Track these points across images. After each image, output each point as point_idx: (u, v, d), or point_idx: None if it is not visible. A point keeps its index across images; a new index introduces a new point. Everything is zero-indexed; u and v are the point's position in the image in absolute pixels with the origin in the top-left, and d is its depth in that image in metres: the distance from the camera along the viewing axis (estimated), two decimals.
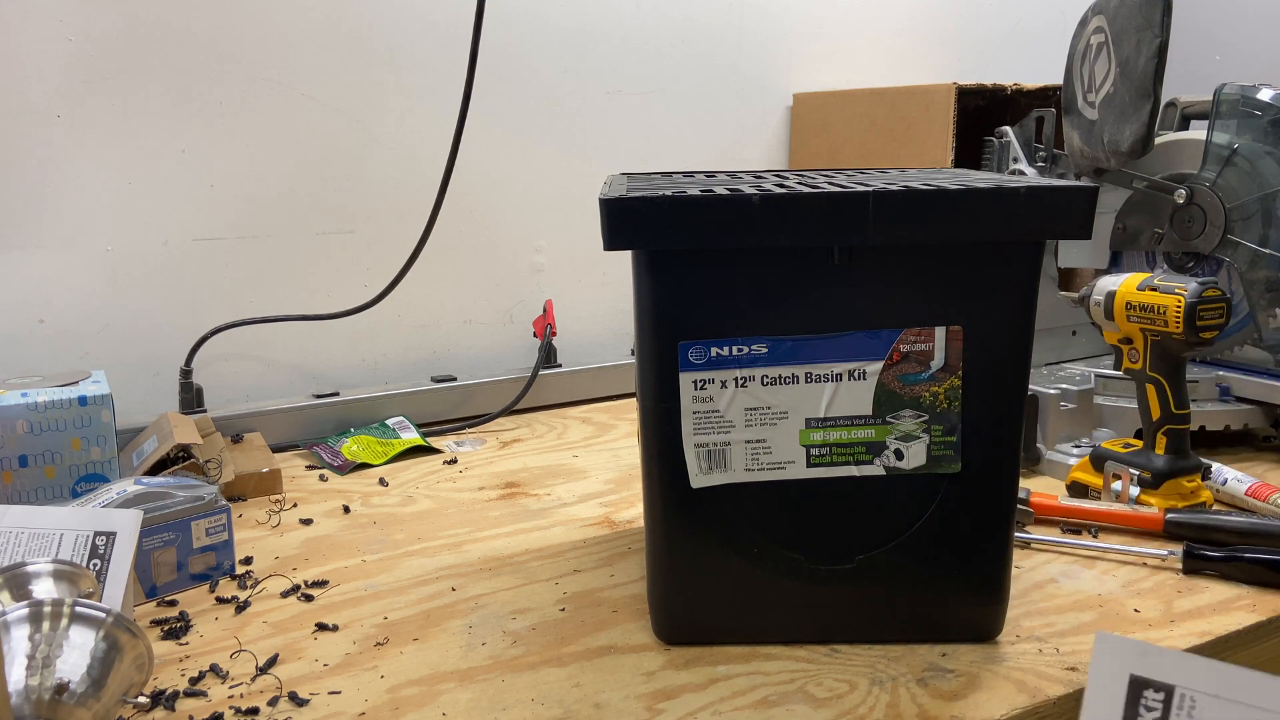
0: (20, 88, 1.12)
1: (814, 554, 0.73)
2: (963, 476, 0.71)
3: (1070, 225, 0.66)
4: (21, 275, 1.15)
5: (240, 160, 1.24)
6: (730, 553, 0.73)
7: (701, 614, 0.74)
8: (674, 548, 0.73)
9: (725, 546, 0.72)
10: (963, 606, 0.74)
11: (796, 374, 0.70)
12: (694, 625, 0.74)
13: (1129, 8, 1.06)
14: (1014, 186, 0.66)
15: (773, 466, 0.71)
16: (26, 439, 0.92)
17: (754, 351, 0.69)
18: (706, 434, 0.70)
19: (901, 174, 0.82)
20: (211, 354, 1.24)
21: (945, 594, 0.74)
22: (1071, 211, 0.66)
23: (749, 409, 0.70)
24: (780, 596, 0.73)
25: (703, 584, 0.73)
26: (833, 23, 1.64)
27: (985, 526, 0.73)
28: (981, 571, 0.74)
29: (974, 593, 0.74)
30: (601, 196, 0.66)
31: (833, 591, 0.73)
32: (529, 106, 1.41)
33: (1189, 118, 1.20)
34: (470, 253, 1.40)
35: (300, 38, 1.24)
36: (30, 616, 0.60)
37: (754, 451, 0.71)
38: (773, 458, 0.71)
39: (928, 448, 0.71)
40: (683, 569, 0.73)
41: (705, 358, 0.69)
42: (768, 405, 0.70)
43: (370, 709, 0.67)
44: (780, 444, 0.71)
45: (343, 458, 1.15)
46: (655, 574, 0.74)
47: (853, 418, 0.71)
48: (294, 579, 0.86)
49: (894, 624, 0.74)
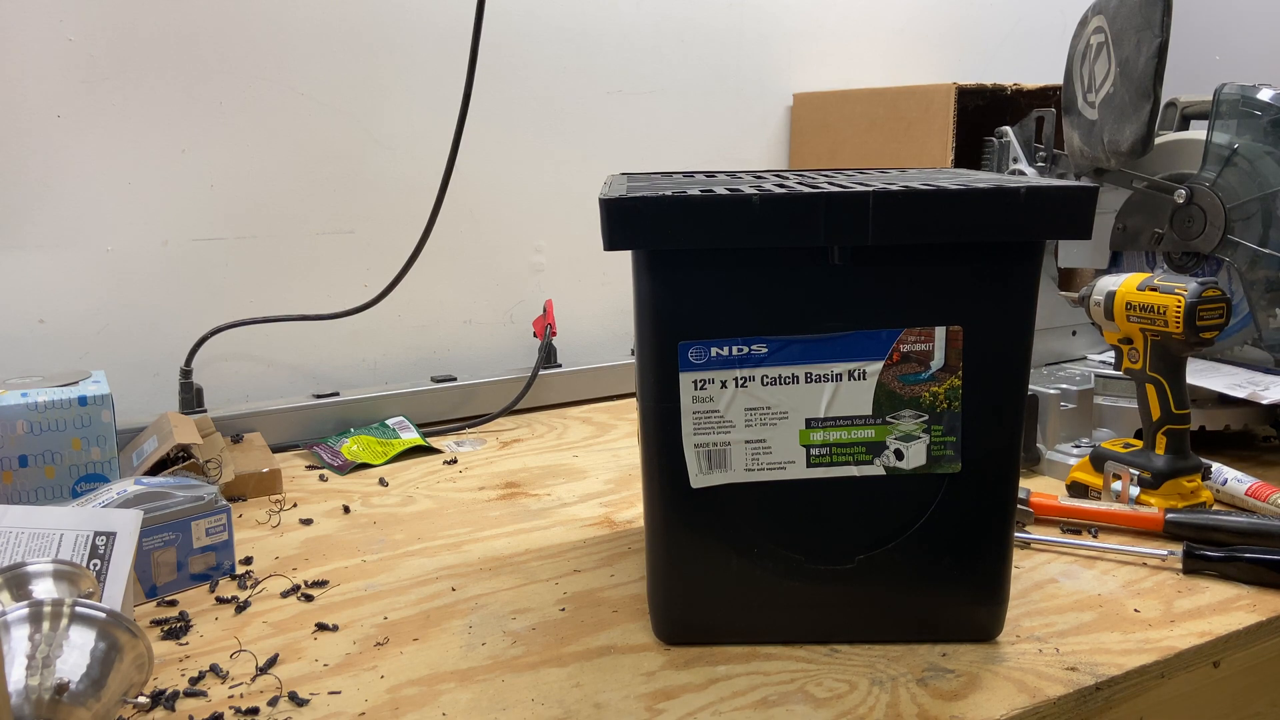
0: (20, 88, 1.12)
1: (814, 554, 0.73)
2: (963, 476, 0.71)
3: (1071, 225, 0.66)
4: (21, 275, 1.15)
5: (240, 160, 1.24)
6: (730, 553, 0.72)
7: (702, 614, 0.74)
8: (674, 548, 0.73)
9: (726, 546, 0.72)
10: (962, 606, 0.74)
11: (796, 374, 0.70)
12: (694, 625, 0.74)
13: (1129, 8, 1.06)
14: (1014, 186, 0.66)
15: (773, 466, 0.71)
16: (26, 439, 0.92)
17: (754, 351, 0.69)
18: (706, 434, 0.70)
19: (901, 174, 0.82)
20: (211, 354, 1.24)
21: (945, 594, 0.74)
22: (1072, 211, 0.66)
23: (749, 409, 0.70)
24: (781, 597, 0.73)
25: (703, 584, 0.73)
26: (833, 23, 1.64)
27: (985, 526, 0.73)
28: (981, 571, 0.73)
29: (974, 592, 0.74)
30: (602, 196, 0.66)
31: (833, 592, 0.73)
32: (529, 106, 1.41)
33: (1189, 118, 1.20)
34: (470, 253, 1.40)
35: (300, 38, 1.24)
36: (30, 616, 0.60)
37: (754, 451, 0.71)
38: (773, 458, 0.71)
39: (928, 448, 0.71)
40: (683, 569, 0.73)
41: (705, 358, 0.69)
42: (768, 405, 0.70)
43: (370, 709, 0.67)
44: (780, 444, 0.71)
45: (343, 458, 1.15)
46: (655, 574, 0.74)
47: (853, 418, 0.71)
48: (294, 579, 0.86)
49: (894, 624, 0.74)
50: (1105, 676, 0.69)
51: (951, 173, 0.86)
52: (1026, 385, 0.72)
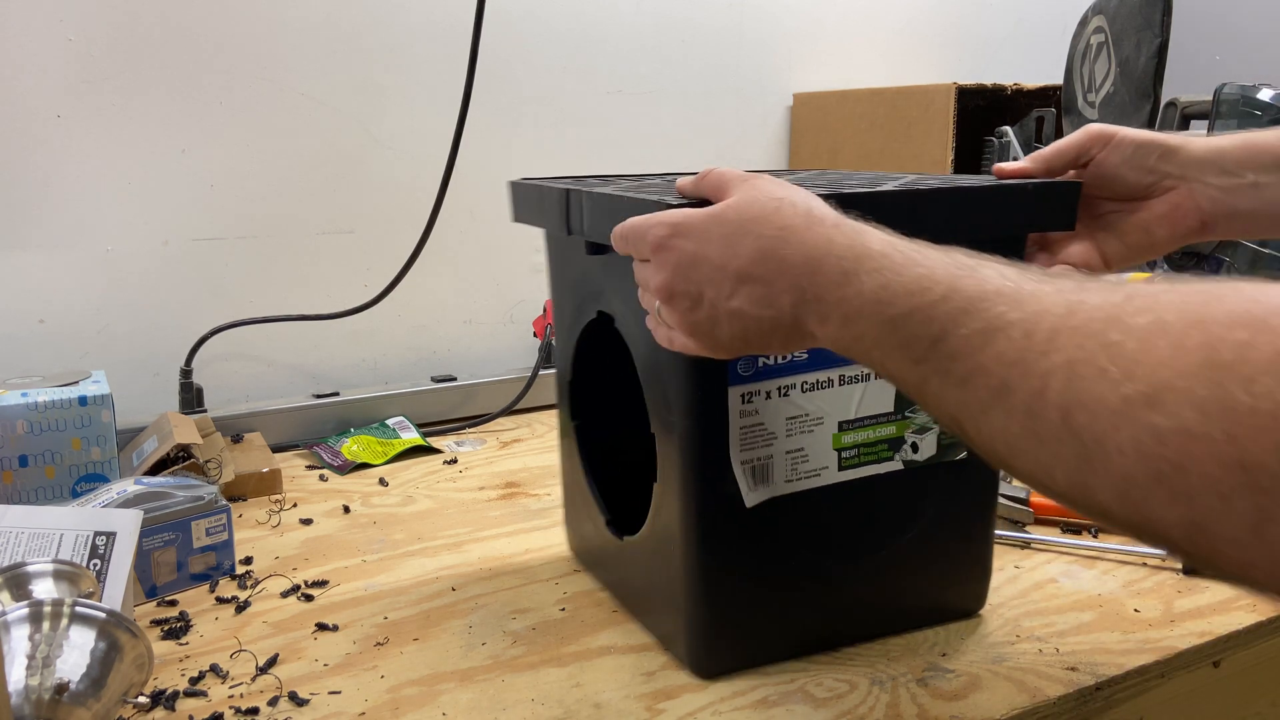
0: (20, 88, 1.12)
1: (842, 557, 0.72)
2: (958, 462, 0.73)
3: (1060, 218, 0.70)
4: (21, 275, 1.15)
5: (240, 160, 1.24)
6: (772, 569, 0.70)
7: (746, 640, 0.71)
8: (718, 575, 0.69)
9: (770, 564, 0.70)
10: (954, 586, 0.77)
11: (832, 377, 0.69)
12: (740, 653, 0.71)
13: (1129, 8, 1.06)
14: (1020, 184, 0.69)
15: (809, 474, 0.69)
16: (26, 439, 0.92)
17: (796, 358, 0.67)
18: (752, 449, 0.67)
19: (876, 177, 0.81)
20: (211, 354, 1.24)
21: (943, 578, 0.76)
22: (1062, 205, 0.70)
23: (790, 418, 0.68)
24: (813, 606, 0.72)
25: (748, 609, 0.70)
26: (833, 23, 1.64)
27: (978, 507, 0.76)
28: (973, 551, 0.77)
29: (967, 572, 0.77)
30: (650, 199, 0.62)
31: (851, 593, 0.73)
32: (529, 106, 1.40)
33: (1189, 118, 1.20)
34: (470, 253, 1.40)
35: (300, 38, 1.24)
36: (30, 616, 0.60)
37: (793, 461, 0.69)
38: (809, 465, 0.69)
39: (938, 437, 0.72)
40: (728, 596, 0.69)
41: (753, 369, 0.66)
42: (806, 412, 0.68)
43: (370, 709, 0.67)
44: (815, 450, 0.69)
45: (343, 458, 1.15)
46: (695, 610, 0.69)
47: (877, 416, 0.71)
48: (294, 579, 0.86)
49: (900, 616, 0.75)
50: (1105, 676, 0.69)
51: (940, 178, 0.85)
52: None
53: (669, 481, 0.69)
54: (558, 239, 0.83)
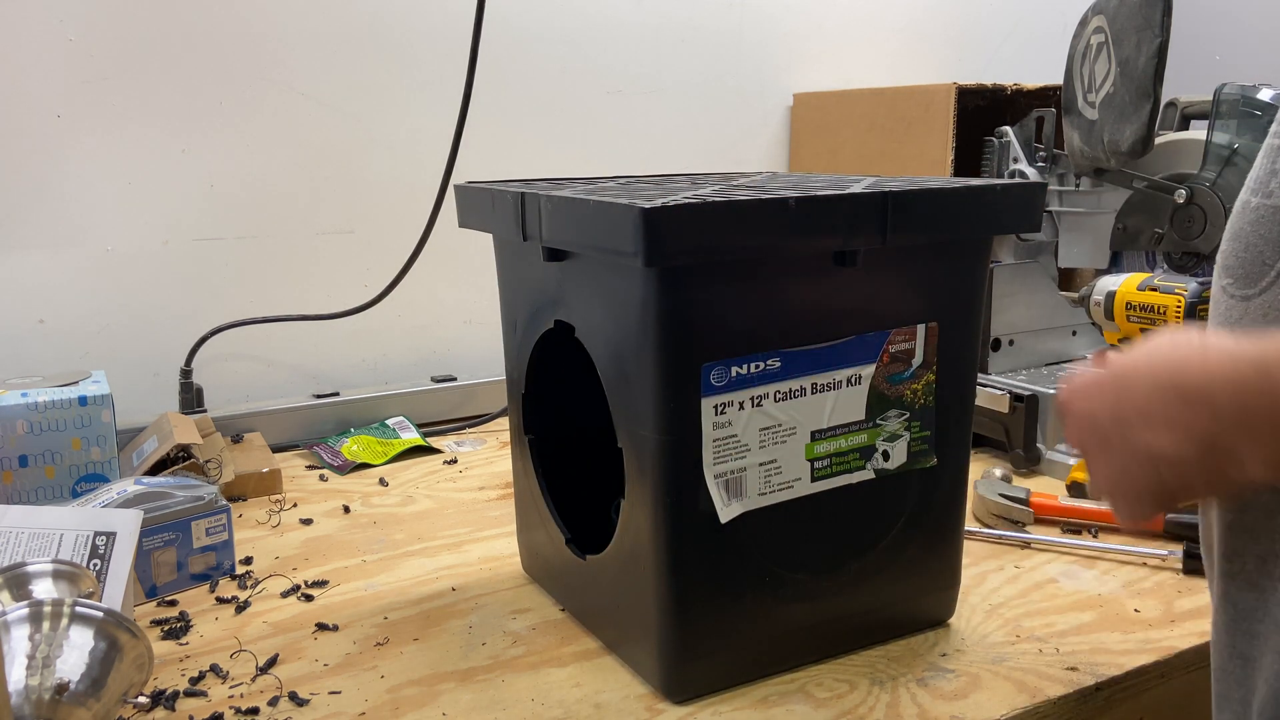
0: (20, 88, 1.12)
1: (815, 570, 0.71)
2: (931, 469, 0.73)
3: (1028, 219, 0.71)
4: (21, 275, 1.15)
5: (240, 160, 1.24)
6: (746, 586, 0.68)
7: (716, 660, 0.69)
8: (688, 592, 0.67)
9: (743, 581, 0.68)
10: (925, 595, 0.76)
11: (804, 386, 0.67)
12: (710, 675, 0.69)
13: (1129, 8, 1.06)
14: (989, 184, 0.69)
15: (782, 486, 0.68)
16: (26, 439, 0.92)
17: (769, 367, 0.66)
18: (725, 461, 0.66)
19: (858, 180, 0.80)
20: (211, 354, 1.24)
21: (914, 587, 0.75)
22: (1029, 206, 0.70)
23: (763, 429, 0.67)
24: (788, 622, 0.70)
25: (718, 628, 0.68)
26: (833, 23, 1.64)
27: (949, 515, 0.76)
28: (944, 557, 0.76)
29: (936, 579, 0.76)
30: (644, 205, 0.58)
31: (828, 605, 0.72)
32: (529, 106, 1.40)
33: (1189, 118, 1.20)
34: (470, 253, 1.40)
35: (300, 38, 1.24)
36: (30, 616, 0.60)
37: (766, 473, 0.67)
38: (782, 477, 0.68)
39: (908, 445, 0.72)
40: (697, 615, 0.67)
41: (726, 379, 0.65)
42: (779, 422, 0.67)
43: (370, 709, 0.67)
44: (788, 461, 0.68)
45: (343, 458, 1.15)
46: (667, 632, 0.67)
47: (849, 424, 0.70)
48: (294, 579, 0.86)
49: (876, 627, 0.74)
50: (1105, 676, 0.69)
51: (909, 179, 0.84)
52: (976, 373, 0.76)
53: (638, 497, 0.67)
54: (509, 245, 0.80)
